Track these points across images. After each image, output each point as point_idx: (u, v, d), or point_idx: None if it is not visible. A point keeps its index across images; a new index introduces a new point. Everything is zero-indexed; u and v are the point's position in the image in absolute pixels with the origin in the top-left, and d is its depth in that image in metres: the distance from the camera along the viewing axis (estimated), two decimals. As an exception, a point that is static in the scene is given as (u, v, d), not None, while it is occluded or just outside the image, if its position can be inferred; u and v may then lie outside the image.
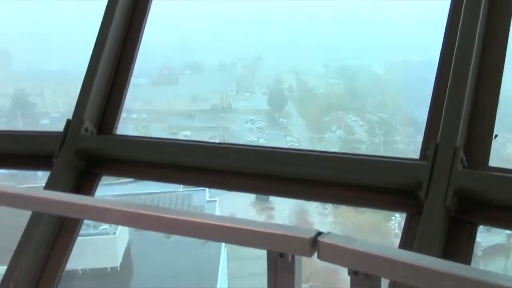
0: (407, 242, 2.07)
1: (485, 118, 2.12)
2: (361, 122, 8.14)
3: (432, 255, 1.93)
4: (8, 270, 2.35)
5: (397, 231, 6.88)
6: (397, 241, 2.13)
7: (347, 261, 1.21)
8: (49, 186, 2.54)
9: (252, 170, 2.41)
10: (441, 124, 2.08)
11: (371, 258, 1.16)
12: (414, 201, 2.05)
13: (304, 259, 1.31)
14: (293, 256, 1.28)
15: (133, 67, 2.77)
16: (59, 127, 2.68)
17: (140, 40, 2.80)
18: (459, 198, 2.00)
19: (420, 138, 2.22)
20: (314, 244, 1.25)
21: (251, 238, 1.30)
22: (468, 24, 2.15)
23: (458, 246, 2.02)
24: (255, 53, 9.04)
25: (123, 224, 1.45)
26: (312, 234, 1.25)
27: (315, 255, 1.25)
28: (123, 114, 2.81)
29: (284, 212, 8.02)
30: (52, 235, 2.41)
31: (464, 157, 2.04)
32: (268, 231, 1.29)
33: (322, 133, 8.57)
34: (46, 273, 2.42)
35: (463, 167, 2.03)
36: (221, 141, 8.36)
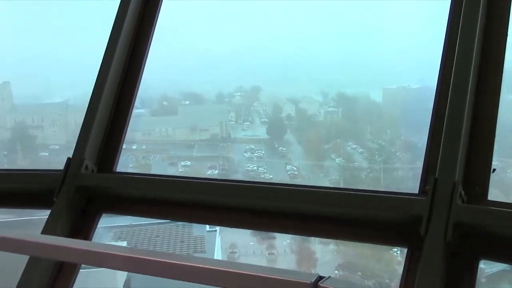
0: (408, 277, 2.07)
1: (483, 151, 2.14)
2: (361, 150, 8.13)
3: (434, 291, 1.93)
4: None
5: (399, 258, 6.82)
6: (400, 268, 2.12)
7: (348, 306, 1.21)
8: (49, 224, 2.54)
9: (254, 206, 2.41)
10: (439, 159, 2.09)
11: (372, 304, 1.15)
12: (414, 236, 2.05)
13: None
14: (294, 302, 1.28)
15: (133, 105, 2.80)
16: (59, 159, 2.70)
17: (141, 78, 2.83)
18: (459, 233, 2.00)
19: (419, 164, 2.23)
20: (315, 289, 1.24)
21: (252, 284, 1.30)
22: (463, 55, 2.18)
23: (460, 281, 2.02)
24: (253, 83, 9.10)
25: (123, 269, 1.45)
26: (313, 279, 1.25)
27: (316, 300, 1.25)
28: (123, 146, 2.83)
29: (286, 241, 7.95)
30: (51, 277, 2.40)
31: (463, 192, 2.05)
32: (269, 276, 1.29)
33: (322, 161, 8.56)
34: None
35: (463, 202, 2.04)
36: (221, 170, 8.35)
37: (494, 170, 2.11)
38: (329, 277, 1.26)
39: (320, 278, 1.26)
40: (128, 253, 1.48)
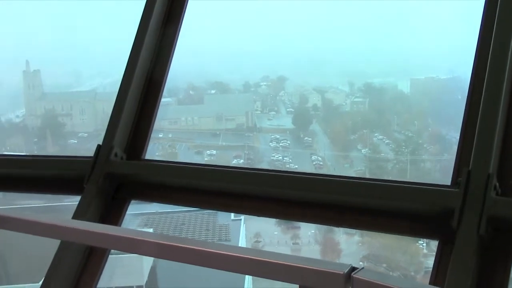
0: (439, 271, 2.03)
1: (518, 144, 2.08)
2: (387, 141, 8.06)
3: (466, 285, 1.89)
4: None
5: (425, 251, 6.74)
6: (425, 261, 2.10)
7: (382, 298, 1.19)
8: (79, 210, 2.58)
9: (281, 195, 2.40)
10: (473, 150, 2.04)
11: (406, 296, 1.14)
12: (446, 229, 2.01)
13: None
14: (325, 292, 1.27)
15: (162, 94, 2.81)
16: (87, 147, 2.73)
17: (169, 67, 2.84)
18: (493, 226, 1.96)
19: (447, 157, 2.19)
20: (348, 279, 1.23)
21: (284, 272, 1.29)
22: (500, 44, 2.11)
23: (493, 275, 1.97)
24: (279, 73, 9.09)
25: (152, 255, 1.46)
26: (346, 270, 1.23)
27: (349, 291, 1.24)
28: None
29: (310, 231, 7.96)
30: (82, 261, 2.43)
31: (497, 184, 2.00)
32: (301, 265, 1.28)
33: (347, 152, 8.52)
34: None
35: (497, 194, 1.99)
36: (246, 160, 8.38)
37: (530, 163, 2.05)
38: (362, 268, 1.25)
39: (354, 269, 1.24)
40: (158, 240, 1.49)
